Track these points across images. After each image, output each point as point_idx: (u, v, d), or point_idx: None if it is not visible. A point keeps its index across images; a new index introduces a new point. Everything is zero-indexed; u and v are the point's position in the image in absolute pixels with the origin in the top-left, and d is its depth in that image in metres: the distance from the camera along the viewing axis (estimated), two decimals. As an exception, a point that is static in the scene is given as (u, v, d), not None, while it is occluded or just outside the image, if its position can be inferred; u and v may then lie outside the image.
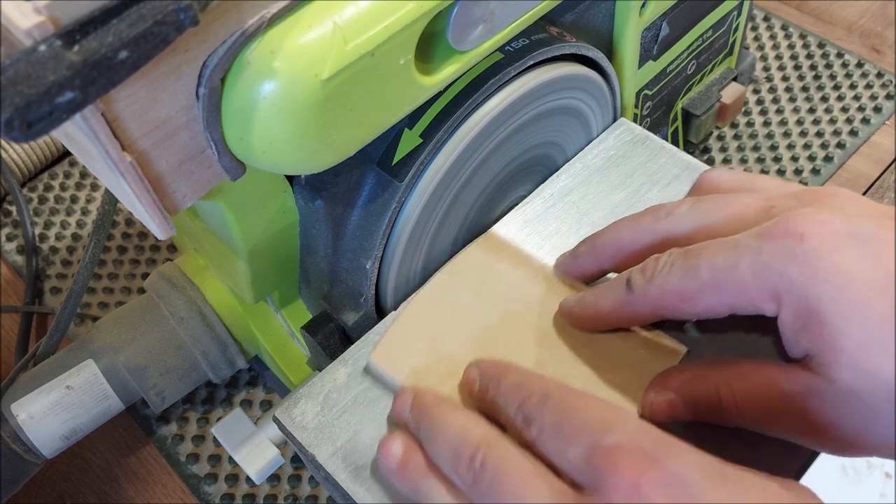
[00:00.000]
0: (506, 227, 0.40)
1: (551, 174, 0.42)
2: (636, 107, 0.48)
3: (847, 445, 0.28)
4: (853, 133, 0.62)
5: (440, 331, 0.36)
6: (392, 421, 0.34)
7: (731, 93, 0.55)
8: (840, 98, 0.64)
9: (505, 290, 0.37)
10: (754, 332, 0.33)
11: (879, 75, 0.65)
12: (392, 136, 0.35)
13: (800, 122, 0.63)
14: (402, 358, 0.35)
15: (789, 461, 0.31)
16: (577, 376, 0.33)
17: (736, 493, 0.24)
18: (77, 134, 0.26)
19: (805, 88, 0.65)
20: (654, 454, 0.25)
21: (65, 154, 0.67)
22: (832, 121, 0.63)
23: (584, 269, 0.36)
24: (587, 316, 0.34)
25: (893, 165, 0.61)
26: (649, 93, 0.48)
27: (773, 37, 0.69)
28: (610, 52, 0.44)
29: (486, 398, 0.31)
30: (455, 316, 0.36)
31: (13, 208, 0.65)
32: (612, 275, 0.35)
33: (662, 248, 0.31)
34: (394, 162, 0.35)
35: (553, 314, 0.36)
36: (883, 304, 0.26)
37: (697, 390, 0.30)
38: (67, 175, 0.66)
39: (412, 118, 0.35)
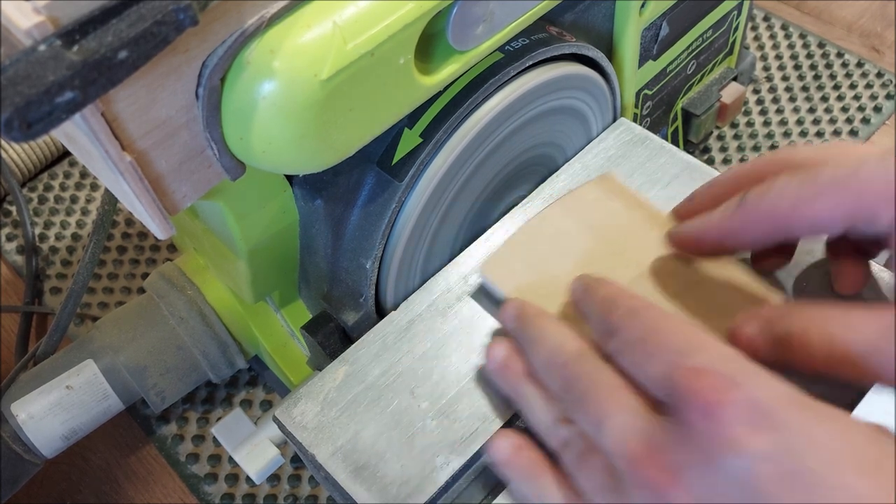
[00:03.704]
0: (506, 227, 0.40)
1: (551, 174, 0.42)
2: (636, 106, 0.48)
3: None
4: (853, 133, 0.62)
5: (547, 256, 0.37)
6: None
7: (731, 92, 0.55)
8: (840, 98, 0.64)
9: (616, 229, 0.37)
10: None
11: (879, 75, 0.65)
12: (392, 136, 0.35)
13: (800, 122, 0.63)
14: (509, 273, 0.36)
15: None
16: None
17: (819, 422, 0.24)
18: (77, 134, 0.26)
19: (805, 88, 0.65)
20: (736, 378, 0.24)
21: (65, 154, 0.67)
22: (832, 121, 0.63)
23: (698, 209, 0.35)
24: (694, 233, 0.33)
25: (893, 165, 0.61)
26: (649, 92, 0.48)
27: (773, 37, 0.69)
28: (610, 52, 0.44)
29: (581, 309, 0.32)
30: (563, 245, 0.37)
31: (13, 208, 0.65)
32: None
33: None
34: (394, 162, 0.35)
35: (660, 257, 0.36)
36: None
37: (779, 328, 0.29)
38: (67, 175, 0.66)
39: (412, 118, 0.35)
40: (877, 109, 0.63)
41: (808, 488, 0.23)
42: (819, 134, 0.62)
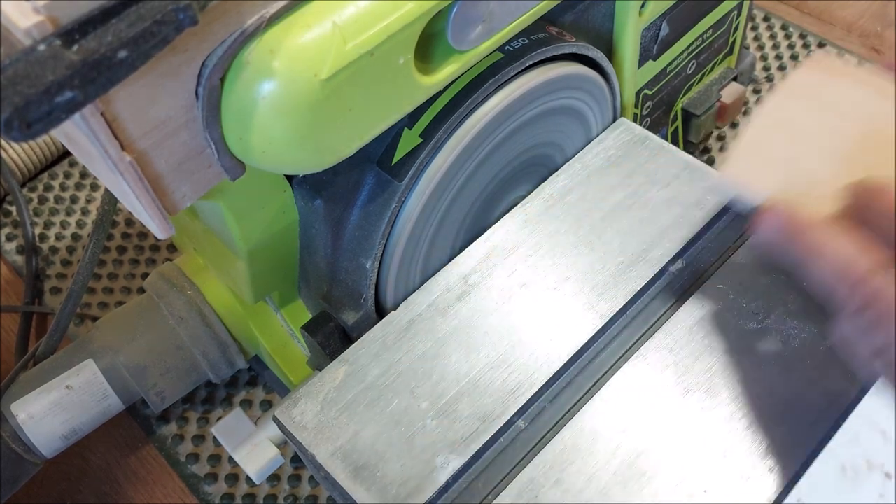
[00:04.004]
0: (506, 227, 0.40)
1: (551, 174, 0.42)
2: (636, 106, 0.48)
3: None
4: (853, 133, 0.62)
5: (793, 152, 0.32)
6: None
7: (731, 92, 0.55)
8: (840, 98, 0.64)
9: (857, 109, 0.32)
10: None
11: (879, 75, 0.65)
12: (392, 136, 0.35)
13: (800, 122, 0.63)
14: (758, 177, 0.31)
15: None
16: None
17: None
18: (77, 134, 0.26)
19: (805, 88, 0.65)
20: None
21: (65, 154, 0.67)
22: (832, 121, 0.63)
23: None
24: None
25: (893, 165, 0.61)
26: (649, 92, 0.48)
27: (773, 37, 0.69)
28: (610, 52, 0.44)
29: (868, 219, 0.27)
30: (808, 137, 0.32)
31: (13, 208, 0.65)
32: None
33: None
34: (393, 161, 0.35)
35: None
36: None
37: None
38: (67, 175, 0.66)
39: (412, 118, 0.35)
40: (877, 109, 0.63)
41: None
42: (819, 134, 0.62)
